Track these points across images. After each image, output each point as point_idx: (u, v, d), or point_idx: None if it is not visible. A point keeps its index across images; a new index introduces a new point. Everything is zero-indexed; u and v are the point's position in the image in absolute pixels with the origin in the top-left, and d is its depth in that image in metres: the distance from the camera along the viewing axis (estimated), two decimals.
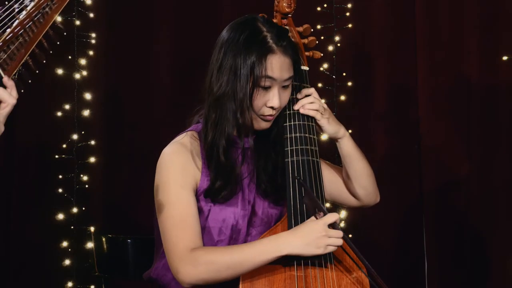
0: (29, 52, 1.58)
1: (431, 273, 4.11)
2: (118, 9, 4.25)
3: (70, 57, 4.00)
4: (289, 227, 2.12)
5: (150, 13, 4.29)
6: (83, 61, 4.03)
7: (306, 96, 2.31)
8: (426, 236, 4.13)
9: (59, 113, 3.99)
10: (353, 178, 2.38)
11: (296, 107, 2.29)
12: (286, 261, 2.07)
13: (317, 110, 2.29)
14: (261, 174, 2.29)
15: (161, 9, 4.29)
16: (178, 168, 2.20)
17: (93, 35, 4.03)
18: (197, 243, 2.12)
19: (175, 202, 2.15)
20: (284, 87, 2.22)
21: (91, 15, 4.03)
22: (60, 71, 3.95)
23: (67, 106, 4.00)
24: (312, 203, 2.08)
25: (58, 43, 1.64)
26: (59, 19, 1.68)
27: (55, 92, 4.01)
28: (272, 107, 2.20)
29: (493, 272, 4.05)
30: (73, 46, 4.01)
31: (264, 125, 2.25)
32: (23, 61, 1.58)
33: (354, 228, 4.02)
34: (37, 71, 1.63)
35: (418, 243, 4.14)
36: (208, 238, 2.22)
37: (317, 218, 2.04)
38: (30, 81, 1.64)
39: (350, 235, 3.94)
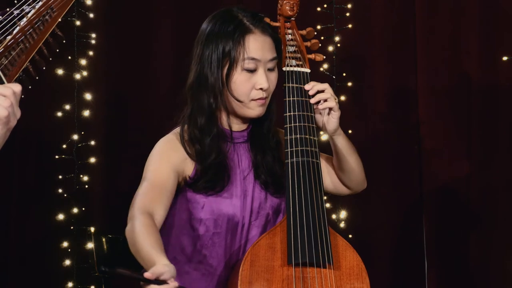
0: (29, 59, 1.62)
1: (431, 273, 4.11)
2: (118, 9, 4.25)
3: (70, 57, 4.00)
4: (288, 228, 2.13)
5: (150, 13, 4.28)
6: (83, 62, 4.02)
7: (319, 92, 2.32)
8: (426, 236, 4.12)
9: (59, 113, 3.99)
10: (347, 172, 2.42)
11: (313, 100, 2.30)
12: (285, 261, 2.08)
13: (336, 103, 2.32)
14: (260, 166, 2.30)
15: (161, 9, 4.28)
16: (166, 149, 2.27)
17: (93, 35, 4.03)
18: (153, 209, 2.14)
19: (152, 170, 2.23)
20: (270, 69, 2.24)
21: (91, 15, 4.03)
22: (60, 71, 3.95)
23: (67, 106, 4.00)
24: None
25: (57, 50, 1.69)
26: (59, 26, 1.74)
27: (55, 92, 4.01)
28: (261, 89, 2.22)
29: (493, 272, 4.05)
30: (73, 46, 4.01)
31: (258, 110, 2.26)
32: (23, 67, 1.62)
33: (354, 228, 4.02)
34: (37, 77, 1.69)
35: (418, 243, 4.14)
36: (204, 229, 2.24)
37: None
38: (30, 87, 1.69)
39: (350, 235, 3.94)
